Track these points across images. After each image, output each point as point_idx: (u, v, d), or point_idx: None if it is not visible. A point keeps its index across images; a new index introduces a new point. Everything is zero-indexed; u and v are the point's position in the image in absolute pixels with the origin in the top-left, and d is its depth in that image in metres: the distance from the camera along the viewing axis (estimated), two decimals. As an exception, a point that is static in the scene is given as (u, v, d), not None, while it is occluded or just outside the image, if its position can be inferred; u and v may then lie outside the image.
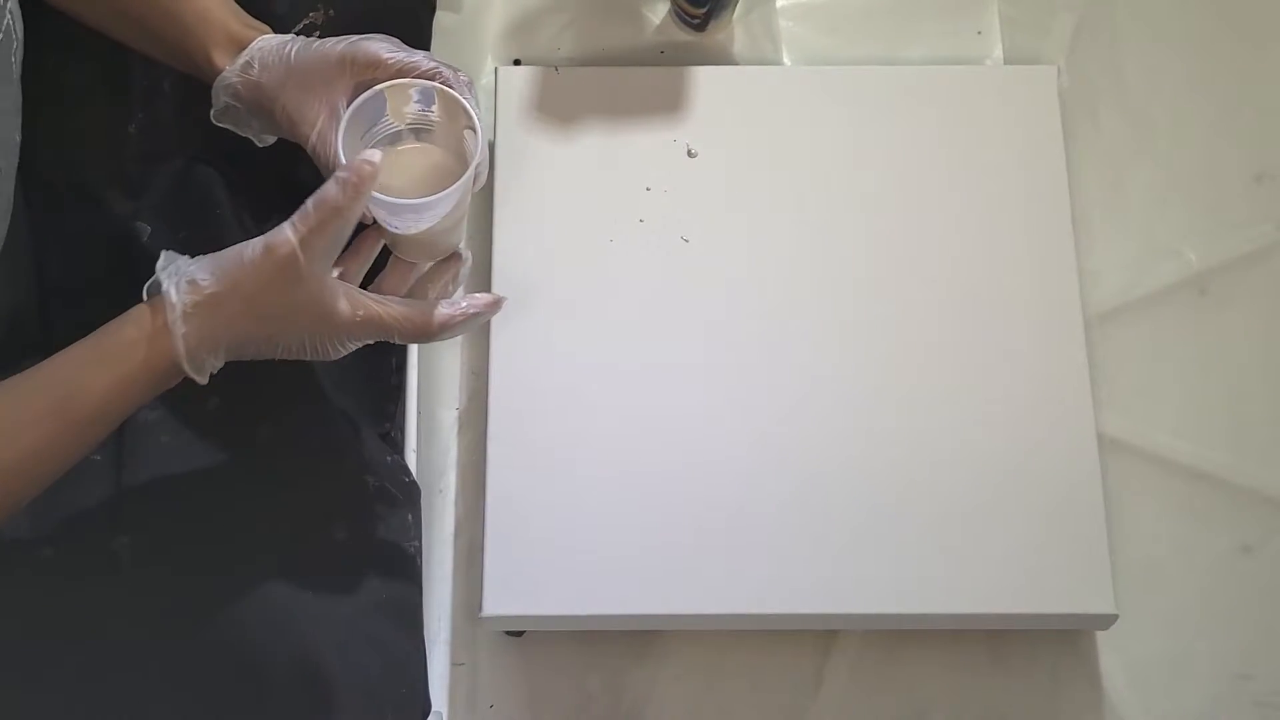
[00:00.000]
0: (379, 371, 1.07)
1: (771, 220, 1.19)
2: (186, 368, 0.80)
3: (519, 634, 1.14)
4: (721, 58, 1.31)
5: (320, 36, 1.00)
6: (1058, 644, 1.15)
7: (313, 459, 0.95)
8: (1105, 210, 1.26)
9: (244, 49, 0.91)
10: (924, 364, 1.14)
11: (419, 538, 1.02)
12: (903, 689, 1.14)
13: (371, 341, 0.85)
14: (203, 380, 0.82)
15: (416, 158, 0.88)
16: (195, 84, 1.01)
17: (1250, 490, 1.19)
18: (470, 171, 0.83)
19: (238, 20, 0.93)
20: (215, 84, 0.92)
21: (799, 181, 1.20)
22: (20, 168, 0.88)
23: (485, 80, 1.30)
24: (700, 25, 1.29)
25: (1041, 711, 1.14)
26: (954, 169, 1.21)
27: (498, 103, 1.22)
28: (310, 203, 0.78)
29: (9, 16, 0.76)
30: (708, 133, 1.22)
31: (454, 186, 0.82)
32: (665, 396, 1.13)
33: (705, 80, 1.24)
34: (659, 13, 1.32)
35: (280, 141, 0.98)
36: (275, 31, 0.98)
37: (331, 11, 1.02)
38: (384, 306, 0.84)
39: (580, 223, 1.19)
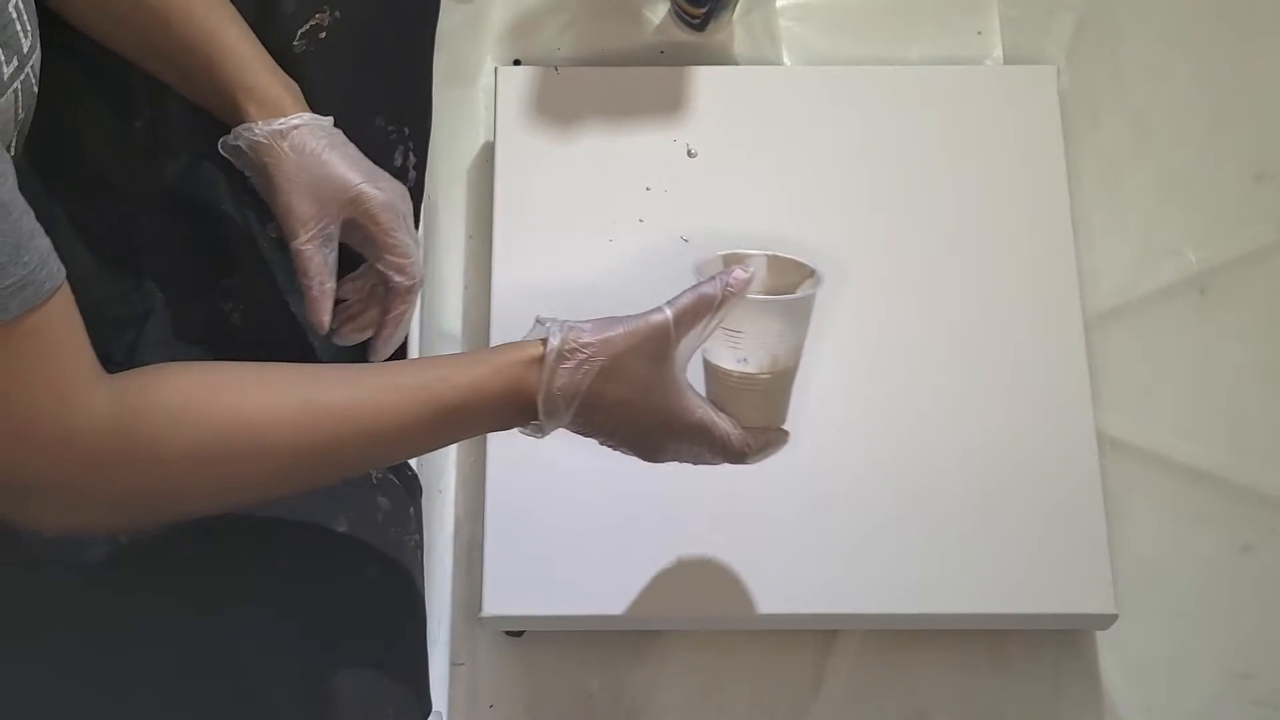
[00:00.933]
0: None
1: (771, 220, 1.19)
2: (540, 405, 0.83)
3: (519, 634, 1.15)
4: (721, 58, 1.31)
5: (326, 39, 1.01)
6: (1058, 644, 1.15)
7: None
8: (1105, 210, 1.26)
9: (280, 113, 0.93)
10: (924, 364, 1.14)
11: (420, 532, 1.02)
12: (903, 689, 1.14)
13: (689, 454, 0.89)
14: (541, 431, 0.85)
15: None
16: None
17: (1250, 490, 1.19)
18: (816, 290, 0.92)
19: (276, 78, 0.94)
20: (239, 129, 0.93)
21: (798, 181, 1.20)
22: (27, 160, 0.88)
23: (485, 80, 1.30)
24: (700, 25, 1.29)
25: (1041, 711, 1.14)
26: (954, 169, 1.21)
27: (498, 103, 1.22)
28: (687, 292, 0.86)
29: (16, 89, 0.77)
30: (708, 133, 1.22)
31: (812, 290, 0.91)
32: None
33: (705, 80, 1.24)
34: (659, 13, 1.32)
35: None
36: (280, 32, 0.99)
37: (338, 13, 1.02)
38: (719, 418, 0.89)
39: (580, 223, 1.19)
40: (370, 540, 0.96)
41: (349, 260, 0.97)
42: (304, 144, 0.93)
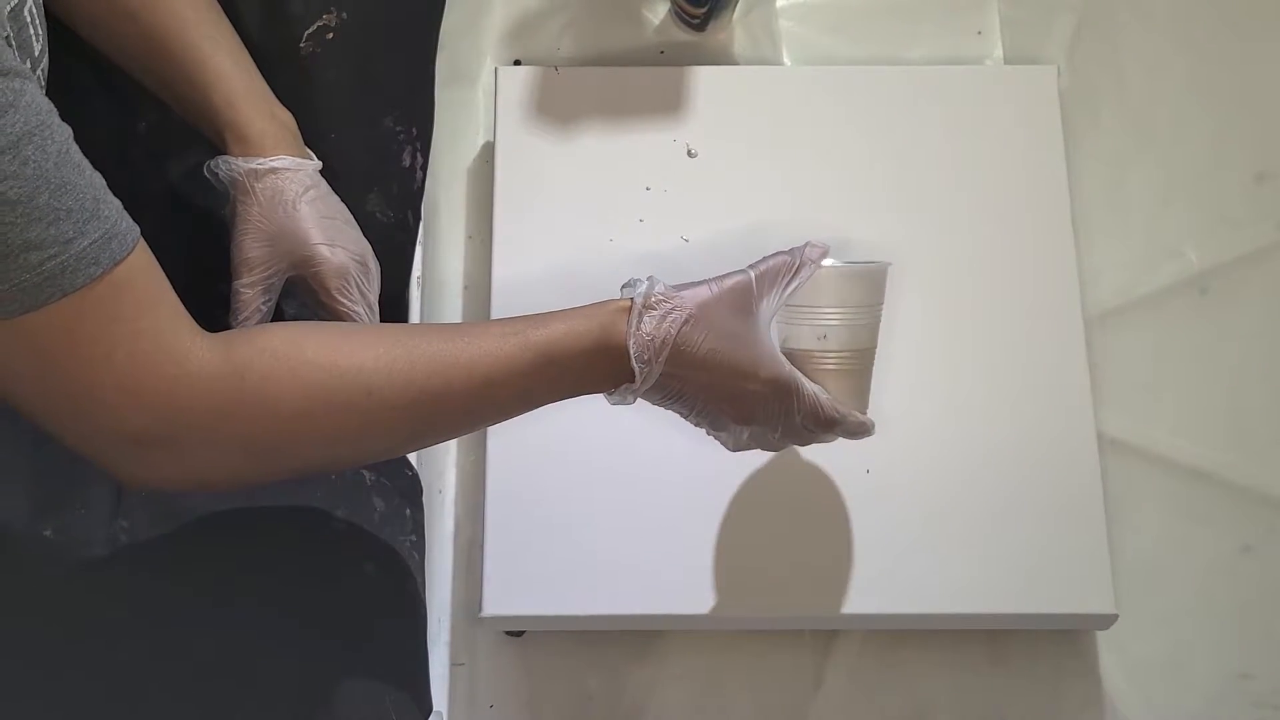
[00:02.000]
0: None
1: (771, 220, 1.19)
2: (631, 350, 0.83)
3: (519, 634, 1.15)
4: (721, 58, 1.31)
5: (334, 40, 1.01)
6: (1058, 644, 1.15)
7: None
8: (1105, 210, 1.26)
9: (261, 152, 0.93)
10: (924, 364, 1.14)
11: (417, 533, 1.02)
12: (903, 689, 1.14)
13: (778, 416, 0.89)
14: (633, 393, 0.85)
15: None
16: None
17: (1250, 490, 1.19)
18: (889, 265, 0.95)
19: (266, 113, 0.94)
20: (219, 159, 0.94)
21: (798, 181, 1.20)
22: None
23: (485, 80, 1.30)
24: (700, 25, 1.29)
25: (1041, 711, 1.14)
26: (954, 169, 1.21)
27: (498, 103, 1.22)
28: (767, 259, 0.89)
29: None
30: (708, 133, 1.22)
31: (885, 264, 0.95)
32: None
33: (705, 80, 1.24)
34: (659, 13, 1.32)
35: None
36: (287, 33, 0.99)
37: (345, 15, 1.02)
38: (799, 377, 0.89)
39: (581, 223, 1.19)
40: (367, 540, 0.96)
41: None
42: (279, 190, 0.93)
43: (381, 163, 1.06)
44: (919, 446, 1.12)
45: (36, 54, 0.74)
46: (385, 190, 1.07)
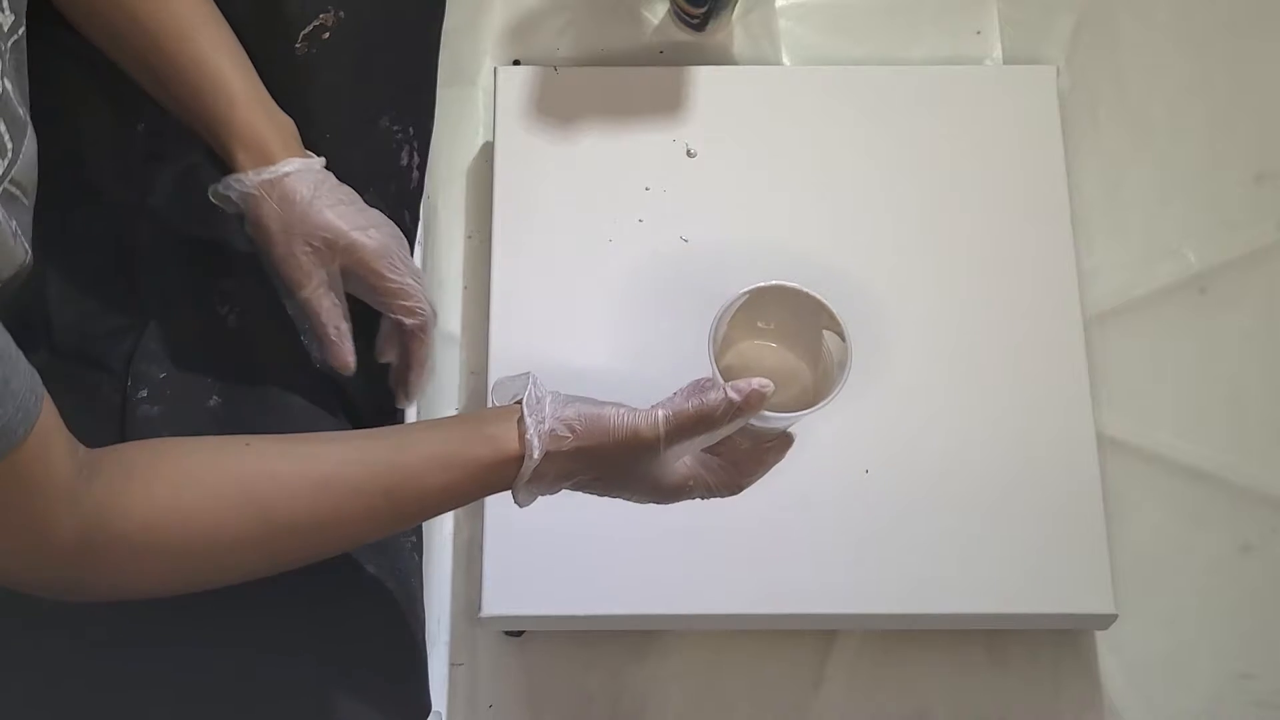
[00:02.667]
0: (381, 370, 1.07)
1: (771, 220, 1.19)
2: (519, 497, 0.82)
3: (519, 634, 1.14)
4: (721, 58, 1.31)
5: (330, 40, 1.01)
6: (1058, 644, 1.15)
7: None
8: (1105, 210, 1.26)
9: (268, 159, 0.92)
10: (924, 364, 1.14)
11: (418, 533, 1.02)
12: (903, 689, 1.14)
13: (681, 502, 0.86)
14: (521, 505, 0.84)
15: (764, 354, 0.91)
16: None
17: (1250, 490, 1.19)
18: (843, 382, 0.85)
19: (265, 117, 0.94)
20: (229, 180, 0.93)
21: (798, 182, 1.20)
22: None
23: (485, 80, 1.30)
24: (700, 25, 1.29)
25: (1041, 711, 1.14)
26: (954, 169, 1.21)
27: (497, 103, 1.22)
28: (692, 405, 0.80)
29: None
30: (707, 133, 1.22)
31: (831, 398, 0.84)
32: (665, 395, 1.13)
33: (705, 80, 1.24)
34: (658, 13, 1.32)
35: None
36: (283, 34, 0.99)
37: (342, 14, 1.02)
38: (710, 474, 0.85)
39: (580, 223, 1.19)
40: (367, 543, 0.96)
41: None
42: (294, 192, 0.93)
43: (379, 162, 1.06)
44: (918, 446, 1.12)
45: (5, 30, 0.73)
46: (383, 190, 1.06)
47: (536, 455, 0.80)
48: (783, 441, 0.87)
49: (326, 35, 1.02)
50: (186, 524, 0.76)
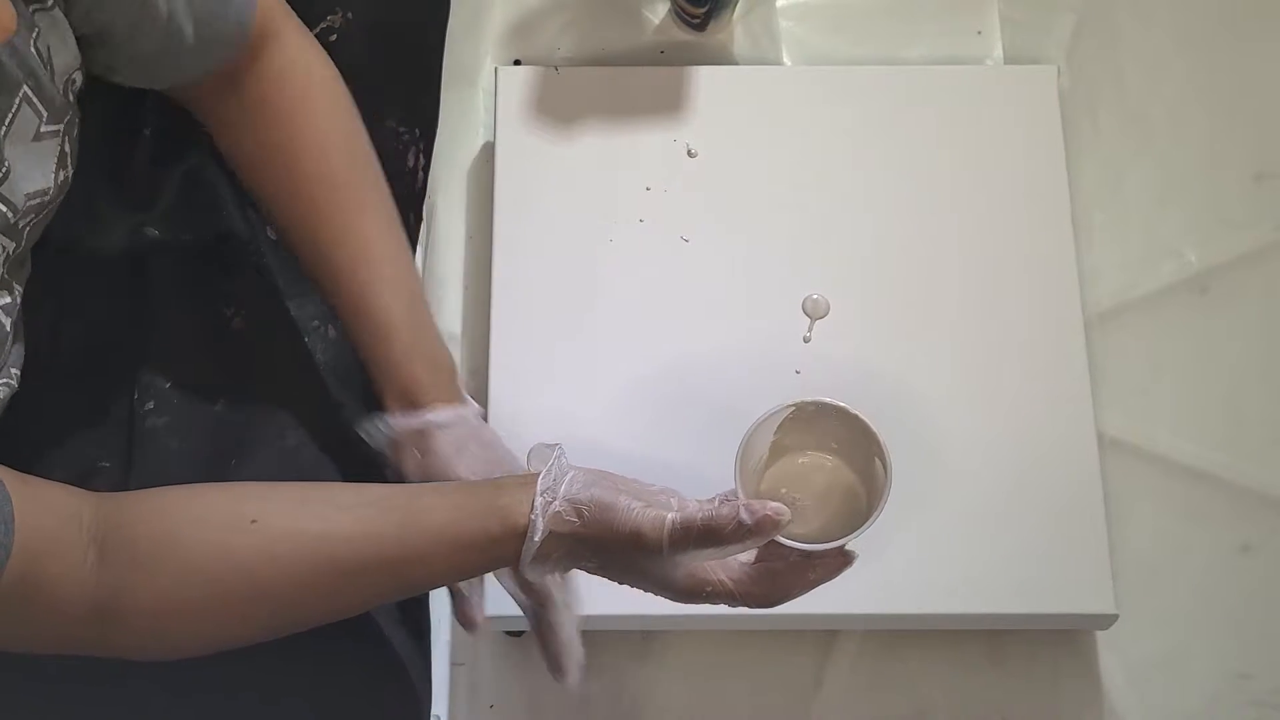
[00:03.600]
0: None
1: (771, 220, 1.19)
2: (527, 573, 0.79)
3: (519, 634, 1.14)
4: (721, 58, 1.31)
5: (337, 42, 1.01)
6: (1057, 644, 1.15)
7: (315, 459, 0.95)
8: (1105, 210, 1.26)
9: (416, 404, 0.91)
10: (924, 364, 1.14)
11: None
12: (903, 689, 1.14)
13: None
14: (532, 581, 0.83)
15: (816, 472, 0.83)
16: None
17: (1249, 490, 1.19)
18: (880, 512, 0.78)
19: (418, 356, 0.93)
20: (376, 419, 0.92)
21: (798, 181, 1.20)
22: None
23: (485, 80, 1.30)
24: (700, 25, 1.29)
25: (1041, 711, 1.14)
26: (954, 169, 1.21)
27: (498, 103, 1.22)
28: (701, 517, 0.75)
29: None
30: (707, 133, 1.22)
31: (865, 527, 0.78)
32: (665, 396, 1.13)
33: (705, 80, 1.24)
34: (659, 13, 1.32)
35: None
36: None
37: (349, 15, 1.02)
38: (737, 583, 0.79)
39: (580, 223, 1.19)
40: None
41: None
42: (439, 444, 0.91)
43: (387, 164, 1.06)
44: (918, 446, 1.12)
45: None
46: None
47: (538, 537, 0.77)
48: (836, 563, 0.80)
49: (334, 37, 1.02)
50: (194, 619, 0.77)
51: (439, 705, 1.10)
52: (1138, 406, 1.21)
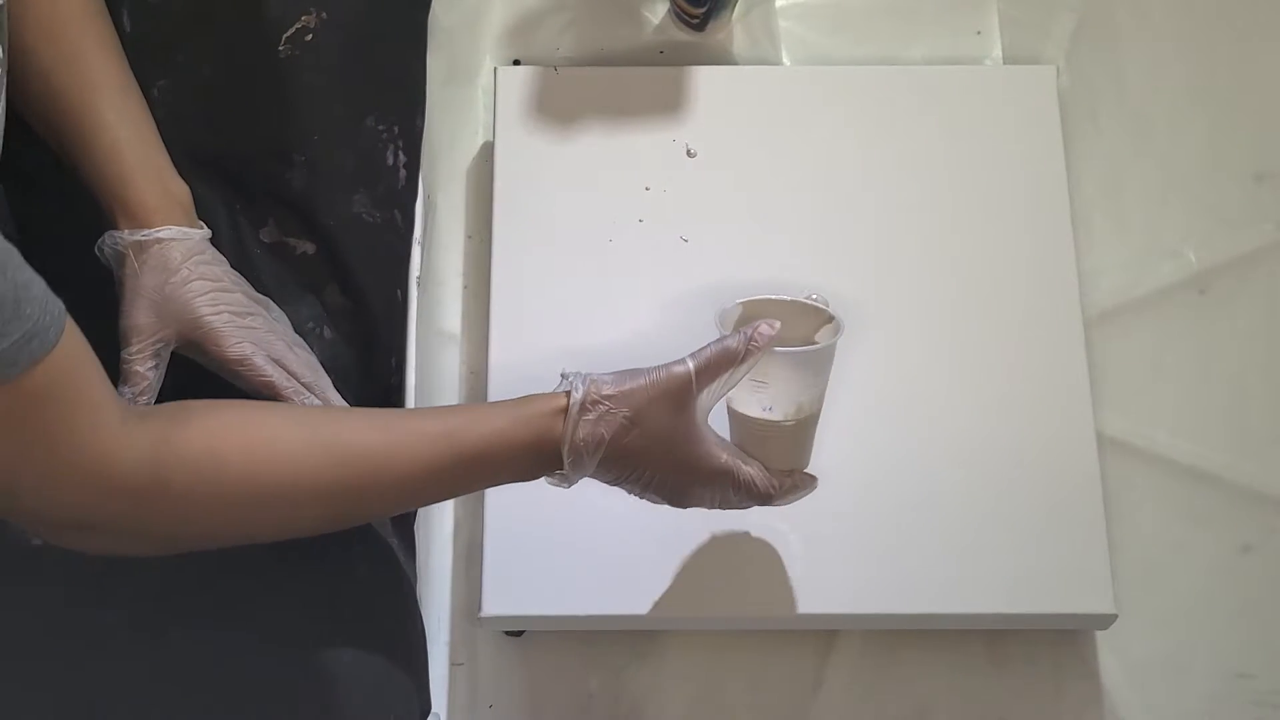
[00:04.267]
0: (379, 371, 1.07)
1: (770, 220, 1.19)
2: (565, 455, 0.84)
3: (519, 634, 1.14)
4: (721, 58, 1.31)
5: (313, 41, 1.01)
6: (1057, 644, 1.15)
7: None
8: (1105, 210, 1.26)
9: (147, 224, 0.93)
10: (924, 364, 1.14)
11: (401, 535, 1.02)
12: (903, 689, 1.14)
13: (716, 499, 0.92)
14: (567, 481, 0.87)
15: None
16: (187, 90, 1.01)
17: (1250, 490, 1.19)
18: (838, 336, 0.92)
19: (152, 182, 0.94)
20: (105, 237, 0.94)
21: (798, 181, 1.20)
22: (5, 163, 0.88)
23: (485, 80, 1.30)
24: (699, 25, 1.29)
25: (1041, 711, 1.14)
26: (954, 169, 1.21)
27: (497, 102, 1.22)
28: (713, 350, 0.87)
29: None
30: (707, 133, 1.22)
31: (833, 340, 0.92)
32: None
33: (705, 80, 1.24)
34: (658, 13, 1.32)
35: (270, 155, 0.98)
36: (265, 38, 0.99)
37: (324, 15, 1.02)
38: (743, 462, 0.91)
39: (580, 223, 1.19)
40: (357, 542, 0.96)
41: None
42: (164, 259, 0.93)
43: (366, 163, 1.07)
44: (918, 446, 1.12)
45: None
46: (371, 190, 1.07)
47: (579, 398, 0.84)
48: (806, 483, 0.96)
49: (309, 37, 1.02)
50: (251, 452, 0.78)
51: (439, 705, 1.09)
52: (1138, 406, 1.21)
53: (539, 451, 0.85)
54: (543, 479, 0.88)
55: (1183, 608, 1.16)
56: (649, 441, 0.86)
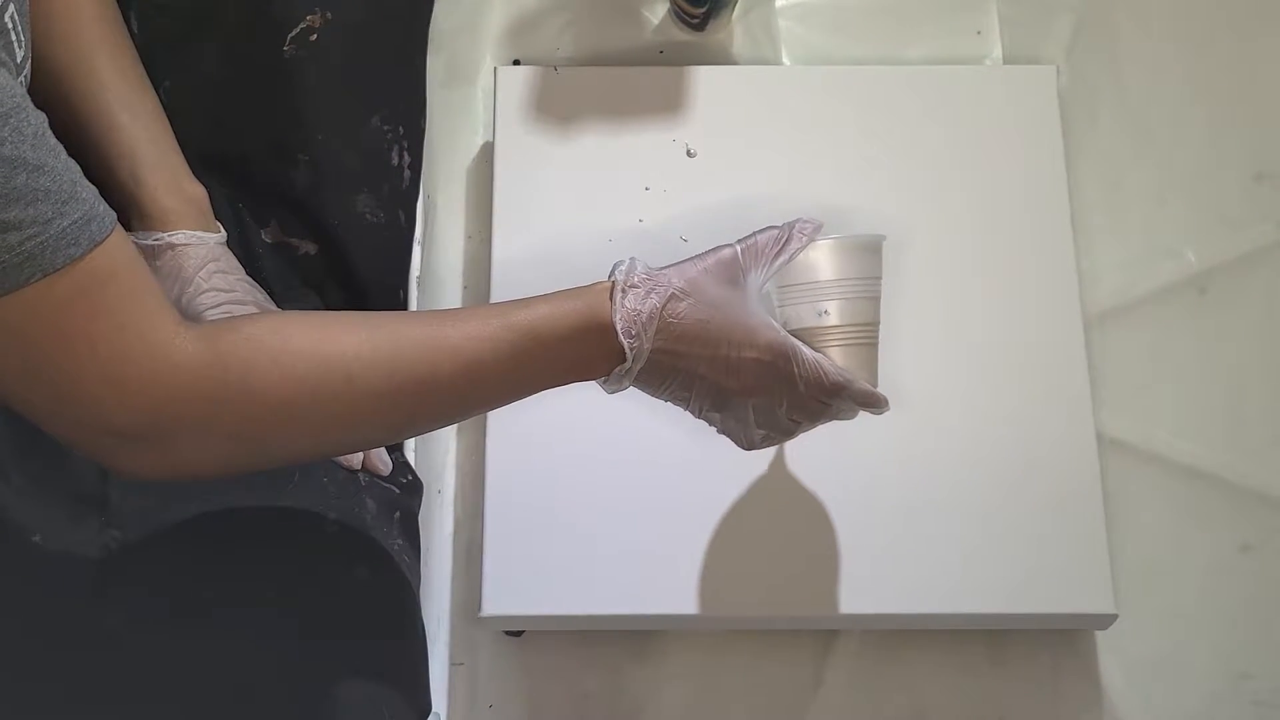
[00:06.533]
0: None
1: (770, 220, 1.19)
2: (618, 327, 0.82)
3: (518, 634, 1.14)
4: (721, 57, 1.31)
5: (318, 41, 1.01)
6: (1057, 644, 1.15)
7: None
8: (1105, 210, 1.26)
9: (162, 227, 0.93)
10: (923, 363, 1.14)
11: (407, 536, 1.02)
12: (903, 689, 1.14)
13: (781, 389, 0.87)
14: (626, 374, 0.84)
15: None
16: (193, 88, 1.02)
17: (1250, 490, 1.19)
18: (884, 247, 0.94)
19: (167, 185, 0.94)
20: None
21: (798, 181, 1.20)
22: None
23: (485, 80, 1.30)
24: (699, 25, 1.29)
25: (1041, 711, 1.14)
26: (954, 169, 1.21)
27: (497, 102, 1.22)
28: (760, 234, 0.88)
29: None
30: (707, 132, 1.22)
31: (880, 237, 0.93)
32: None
33: (704, 80, 1.24)
34: (658, 13, 1.32)
35: (274, 155, 0.98)
36: (270, 38, 0.99)
37: (329, 15, 1.02)
38: (797, 342, 0.87)
39: (580, 223, 1.19)
40: (359, 543, 0.96)
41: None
42: (178, 266, 0.93)
43: (370, 163, 1.07)
44: (918, 446, 1.12)
45: (19, 60, 0.73)
46: (375, 190, 1.07)
47: (626, 275, 0.84)
48: (872, 401, 0.92)
49: (314, 37, 1.02)
50: (312, 330, 0.77)
51: (439, 705, 1.09)
52: (1138, 406, 1.21)
53: (593, 330, 0.82)
54: (601, 385, 0.85)
55: (1183, 608, 1.16)
56: (701, 312, 0.83)
